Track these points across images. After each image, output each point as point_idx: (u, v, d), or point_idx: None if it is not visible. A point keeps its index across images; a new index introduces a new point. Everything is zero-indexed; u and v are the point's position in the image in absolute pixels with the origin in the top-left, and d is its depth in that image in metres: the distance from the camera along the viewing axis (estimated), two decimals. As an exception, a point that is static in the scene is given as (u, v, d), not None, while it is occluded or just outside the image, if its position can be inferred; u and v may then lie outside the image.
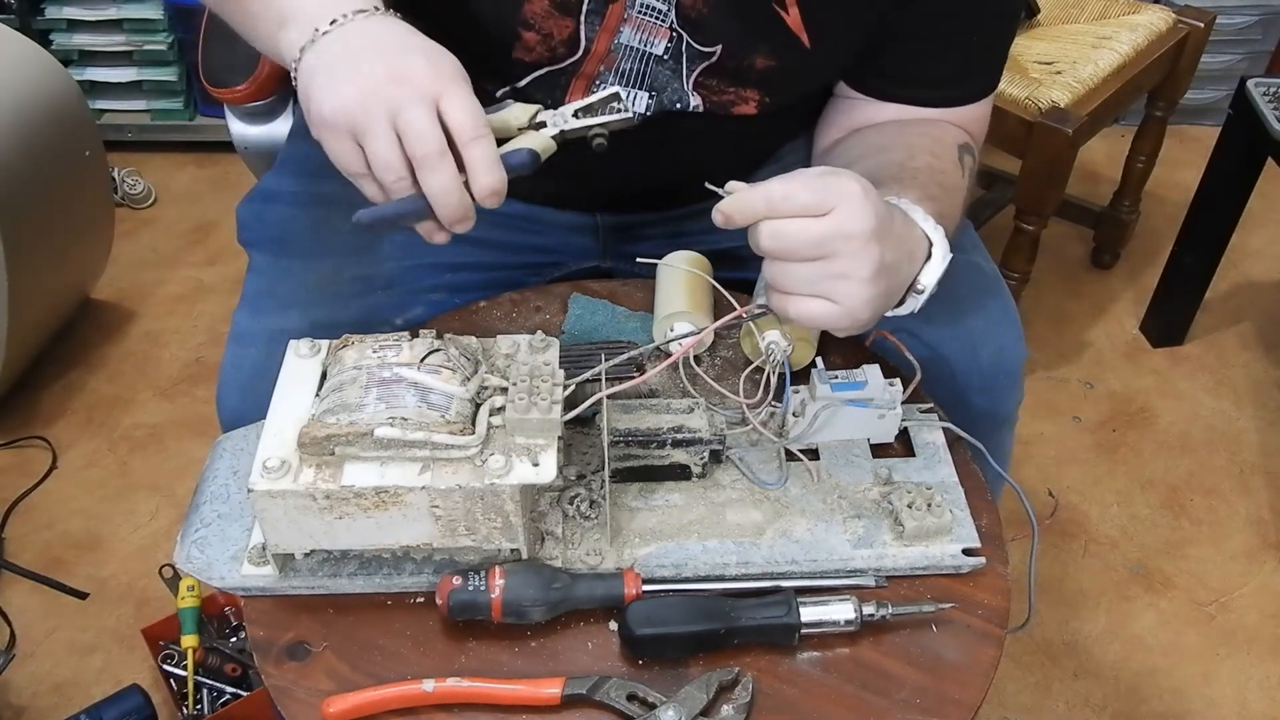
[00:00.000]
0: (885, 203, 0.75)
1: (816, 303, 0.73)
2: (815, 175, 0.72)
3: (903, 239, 0.76)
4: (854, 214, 0.71)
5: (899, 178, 0.84)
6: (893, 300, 0.78)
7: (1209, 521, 1.72)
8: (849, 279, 0.72)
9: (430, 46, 0.72)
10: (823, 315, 0.74)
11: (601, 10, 0.85)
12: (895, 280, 0.76)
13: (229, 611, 1.44)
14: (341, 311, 0.93)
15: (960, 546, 0.78)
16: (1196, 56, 1.87)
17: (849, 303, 0.73)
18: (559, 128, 0.75)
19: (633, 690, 0.70)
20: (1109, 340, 2.03)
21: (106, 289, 2.04)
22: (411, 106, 0.68)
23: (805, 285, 0.73)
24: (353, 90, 0.69)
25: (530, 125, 0.75)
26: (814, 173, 0.73)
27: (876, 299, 0.74)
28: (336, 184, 1.00)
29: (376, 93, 0.68)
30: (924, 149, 0.88)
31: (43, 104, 1.66)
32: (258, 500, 0.70)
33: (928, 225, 0.79)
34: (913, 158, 0.87)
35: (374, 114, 0.68)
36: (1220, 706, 1.48)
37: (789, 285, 0.73)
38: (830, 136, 0.98)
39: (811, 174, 0.73)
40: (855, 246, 0.71)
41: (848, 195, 0.71)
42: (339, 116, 0.69)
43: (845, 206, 0.71)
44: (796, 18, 0.85)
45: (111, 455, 1.77)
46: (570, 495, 0.80)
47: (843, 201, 0.71)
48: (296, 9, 0.73)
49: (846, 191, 0.71)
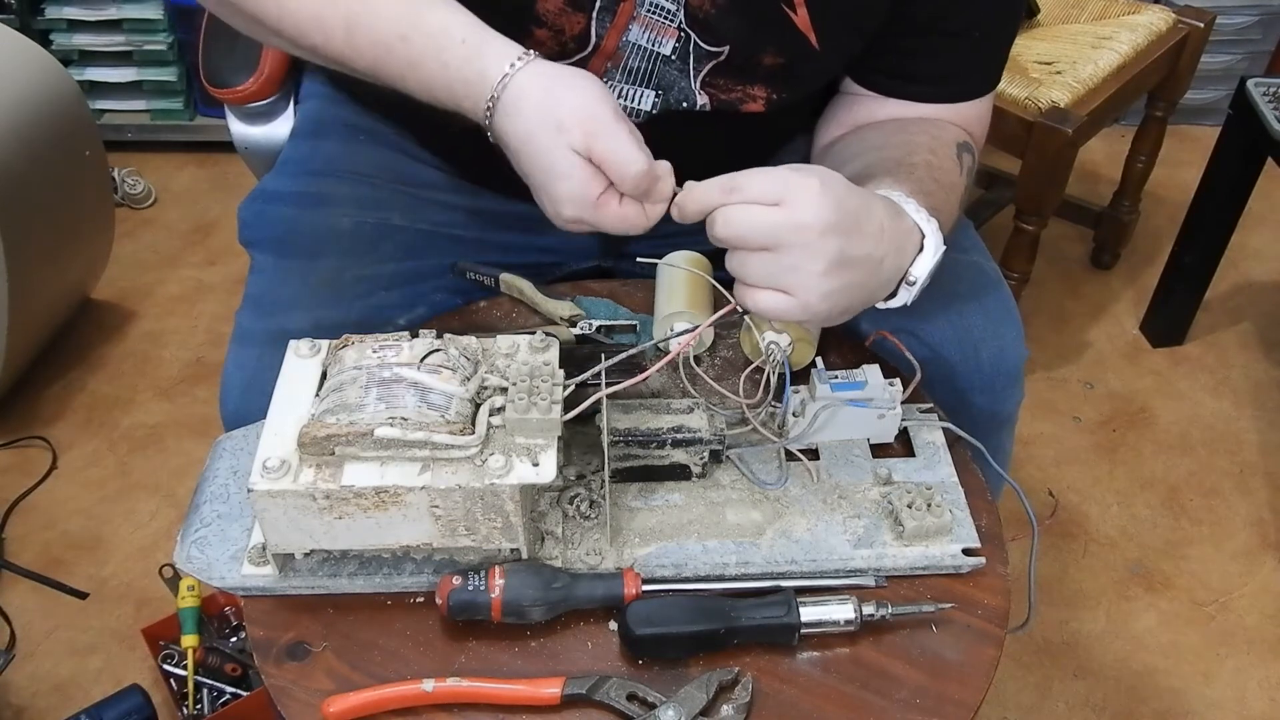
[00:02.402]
0: (858, 196, 0.75)
1: (771, 294, 0.74)
2: (772, 169, 0.73)
3: (884, 231, 0.76)
4: (808, 205, 0.71)
5: (893, 172, 0.84)
6: (872, 293, 0.78)
7: (1209, 521, 1.72)
8: (800, 270, 0.72)
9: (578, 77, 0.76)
10: (778, 307, 0.74)
11: (613, 7, 0.85)
12: (868, 273, 0.76)
13: (229, 611, 1.44)
14: (344, 312, 0.93)
15: (960, 546, 0.78)
16: (1196, 56, 1.87)
17: (803, 295, 0.73)
18: (584, 330, 0.93)
19: (633, 690, 0.70)
20: (1109, 340, 2.03)
21: (106, 289, 2.04)
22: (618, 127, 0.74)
23: (760, 277, 0.73)
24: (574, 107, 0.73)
25: (567, 320, 0.93)
26: (774, 169, 0.73)
27: (835, 293, 0.74)
28: (339, 184, 1.01)
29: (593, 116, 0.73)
30: (923, 146, 0.88)
31: (43, 104, 1.66)
32: (258, 500, 0.70)
33: (920, 217, 0.79)
34: (910, 154, 0.87)
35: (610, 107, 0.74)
36: (1220, 706, 1.48)
37: (745, 276, 0.74)
38: (831, 133, 0.98)
39: (769, 169, 0.73)
40: (808, 238, 0.71)
41: (802, 187, 0.71)
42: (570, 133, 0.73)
43: (799, 197, 0.71)
44: (805, 17, 0.85)
45: (111, 455, 1.77)
46: (570, 495, 0.80)
47: (797, 193, 0.71)
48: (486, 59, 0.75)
49: (801, 184, 0.71)
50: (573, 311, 0.94)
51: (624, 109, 0.90)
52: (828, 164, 0.94)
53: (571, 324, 0.94)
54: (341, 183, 1.01)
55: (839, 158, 0.93)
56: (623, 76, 0.90)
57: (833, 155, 0.95)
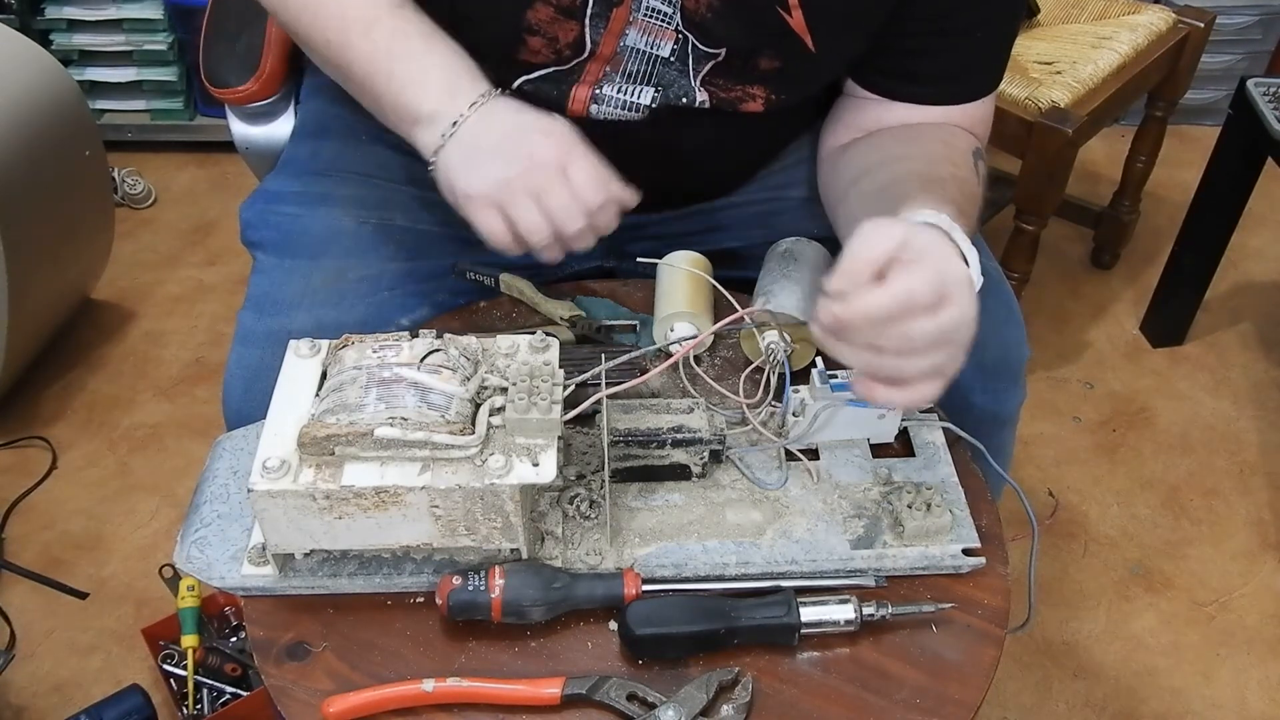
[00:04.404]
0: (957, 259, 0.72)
1: (930, 385, 0.71)
2: (927, 268, 0.68)
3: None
4: (969, 298, 0.69)
5: (926, 189, 0.82)
6: None
7: (1209, 521, 1.72)
8: (961, 352, 0.70)
9: (545, 121, 0.83)
10: (934, 393, 0.71)
11: (605, 13, 0.85)
12: None
13: (229, 611, 1.44)
14: (347, 312, 0.93)
15: (960, 546, 0.78)
16: (1196, 56, 1.87)
17: (954, 372, 0.71)
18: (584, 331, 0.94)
19: (633, 690, 0.70)
20: (1109, 340, 2.03)
21: (106, 289, 2.04)
22: (552, 189, 0.81)
23: (924, 373, 0.70)
24: (495, 175, 0.81)
25: (567, 320, 0.94)
26: (922, 265, 0.68)
27: None
28: (340, 184, 1.01)
29: (520, 177, 0.81)
30: (943, 158, 0.88)
31: (43, 104, 1.66)
32: (258, 500, 0.70)
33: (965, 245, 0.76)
34: (934, 167, 0.86)
35: (519, 193, 0.81)
36: (1220, 706, 1.48)
37: (905, 375, 0.70)
38: (839, 137, 0.98)
39: (919, 266, 0.68)
40: (970, 328, 0.70)
41: (959, 280, 0.69)
42: (487, 196, 0.81)
43: (960, 292, 0.69)
44: (800, 20, 0.85)
45: (111, 455, 1.77)
46: (570, 495, 0.80)
47: (957, 288, 0.69)
48: (428, 111, 0.84)
49: (957, 275, 0.69)
50: (573, 312, 0.94)
51: (622, 104, 0.91)
52: (841, 170, 0.94)
53: (571, 324, 0.94)
54: (343, 183, 1.01)
55: (856, 166, 0.92)
56: (622, 79, 0.90)
57: (846, 162, 0.94)
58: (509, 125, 0.83)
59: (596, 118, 0.92)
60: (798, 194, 1.04)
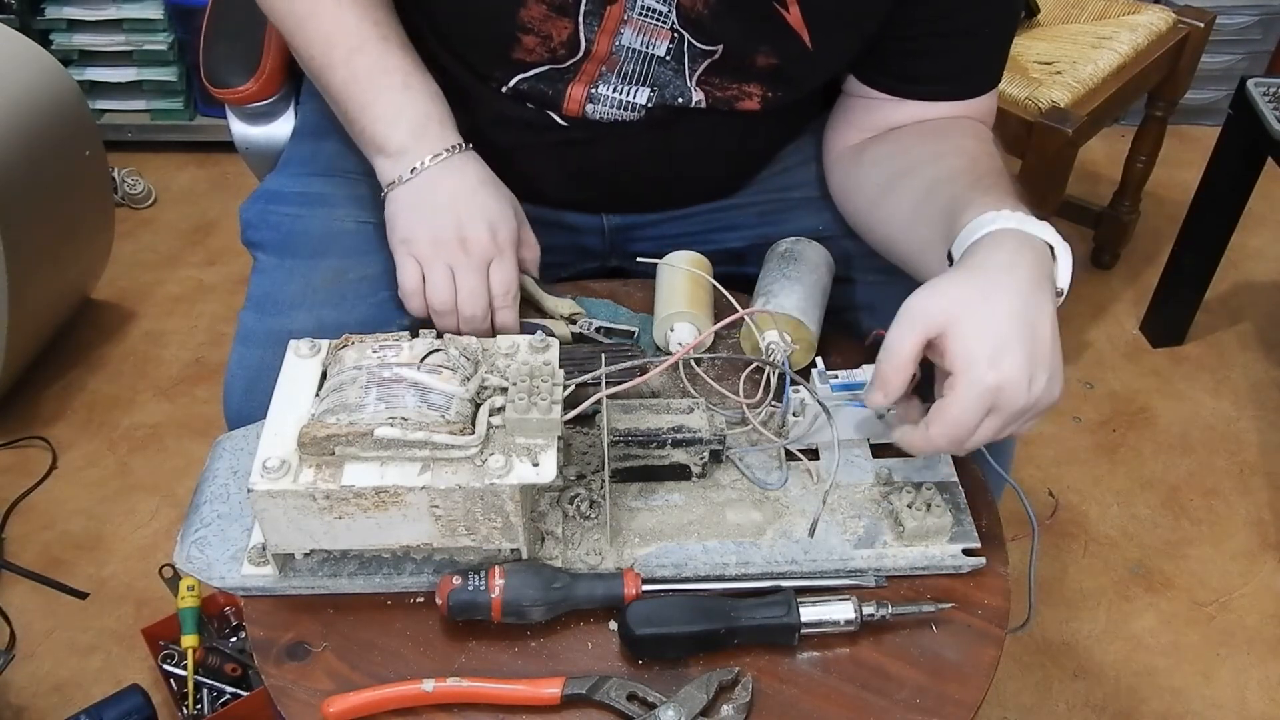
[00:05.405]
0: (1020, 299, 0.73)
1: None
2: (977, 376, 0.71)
3: (1039, 289, 0.75)
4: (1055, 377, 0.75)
5: (977, 186, 0.81)
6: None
7: (1209, 521, 1.72)
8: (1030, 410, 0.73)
9: (496, 208, 0.88)
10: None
11: (599, 11, 0.85)
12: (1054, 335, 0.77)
13: (229, 611, 1.44)
14: (348, 312, 0.93)
15: (960, 546, 0.78)
16: (1196, 56, 1.87)
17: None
18: (583, 330, 0.94)
19: (633, 690, 0.70)
20: (1109, 340, 2.03)
21: (106, 289, 2.04)
22: (470, 273, 0.86)
23: (993, 433, 0.73)
24: (429, 235, 0.86)
25: (567, 318, 0.94)
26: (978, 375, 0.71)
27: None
28: (341, 185, 1.01)
29: (446, 245, 0.86)
30: (975, 150, 0.88)
31: (43, 104, 1.66)
32: (258, 500, 0.70)
33: (1039, 229, 0.76)
34: (976, 162, 0.86)
35: (439, 261, 0.86)
36: (1220, 706, 1.48)
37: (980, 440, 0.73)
38: (848, 138, 0.98)
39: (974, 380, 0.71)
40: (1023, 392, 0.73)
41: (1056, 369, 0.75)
42: (413, 249, 0.87)
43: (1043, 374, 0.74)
44: (797, 16, 0.85)
45: (111, 455, 1.77)
46: (570, 495, 0.80)
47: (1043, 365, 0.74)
48: (393, 148, 0.88)
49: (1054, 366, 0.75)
50: (573, 309, 0.94)
51: (618, 104, 0.91)
52: (867, 172, 0.94)
53: (572, 321, 0.94)
54: (344, 183, 1.01)
55: (885, 168, 0.92)
56: (618, 79, 0.90)
57: (871, 164, 0.94)
58: (461, 192, 0.87)
59: (593, 118, 0.92)
60: (798, 194, 1.04)
